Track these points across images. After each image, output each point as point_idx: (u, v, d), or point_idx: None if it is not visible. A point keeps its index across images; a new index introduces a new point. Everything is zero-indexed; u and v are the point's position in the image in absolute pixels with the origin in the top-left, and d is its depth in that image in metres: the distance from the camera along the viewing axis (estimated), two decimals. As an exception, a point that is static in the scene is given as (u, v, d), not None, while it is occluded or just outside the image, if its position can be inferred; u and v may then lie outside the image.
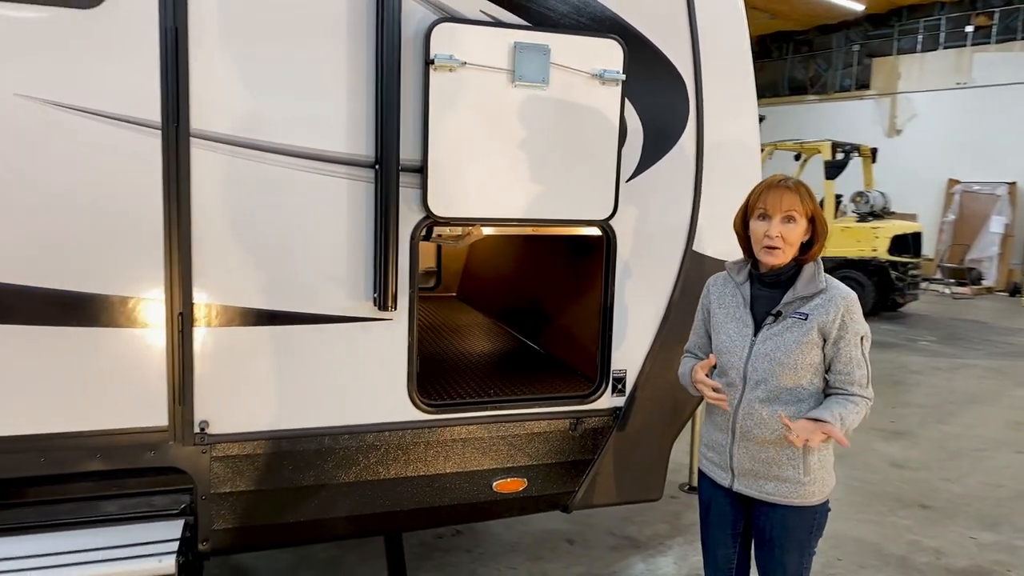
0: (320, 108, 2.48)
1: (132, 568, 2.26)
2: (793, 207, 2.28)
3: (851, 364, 2.28)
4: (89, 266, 2.32)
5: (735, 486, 2.43)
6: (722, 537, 2.56)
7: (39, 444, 2.35)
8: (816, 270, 2.35)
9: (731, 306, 2.46)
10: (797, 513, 2.35)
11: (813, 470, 2.33)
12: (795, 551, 2.38)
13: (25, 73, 2.19)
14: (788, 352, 2.30)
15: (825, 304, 2.30)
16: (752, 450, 2.37)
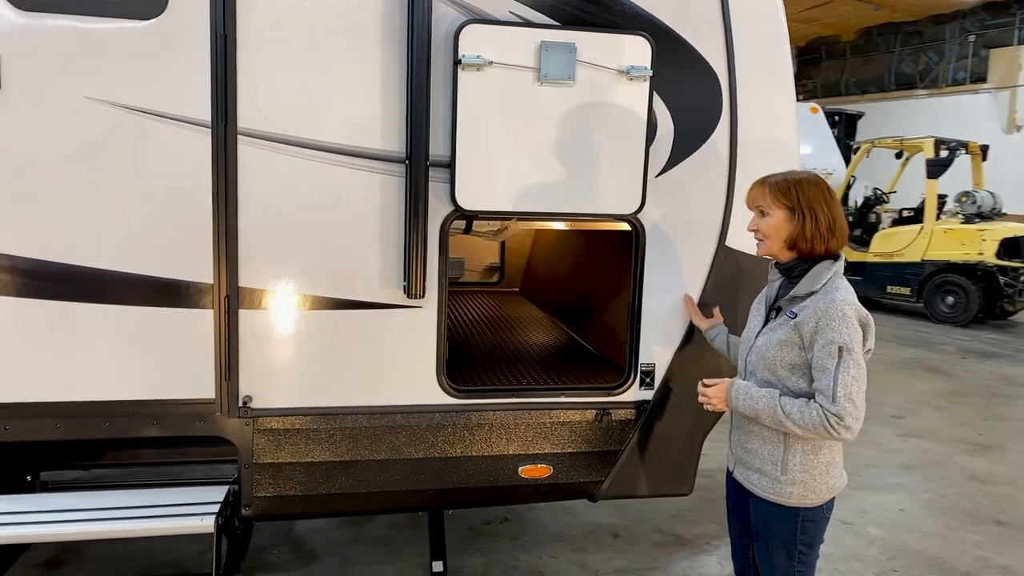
0: (355, 107, 2.65)
1: (176, 525, 2.50)
2: (759, 201, 2.36)
3: (820, 372, 2.19)
4: (148, 252, 2.58)
5: (735, 473, 2.48)
6: (735, 522, 2.61)
7: (104, 410, 2.63)
8: (824, 270, 2.29)
9: (760, 300, 2.52)
10: (777, 510, 2.34)
11: (791, 470, 2.28)
12: (780, 549, 2.37)
13: (94, 78, 2.47)
14: (770, 348, 2.32)
15: (811, 305, 2.25)
16: (742, 439, 2.43)
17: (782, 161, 2.99)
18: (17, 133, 2.45)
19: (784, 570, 2.37)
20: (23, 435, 2.60)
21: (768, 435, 2.31)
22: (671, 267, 2.99)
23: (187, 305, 2.63)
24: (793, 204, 2.30)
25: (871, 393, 7.40)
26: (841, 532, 4.41)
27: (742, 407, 2.30)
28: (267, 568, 3.78)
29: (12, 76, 2.42)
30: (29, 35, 2.42)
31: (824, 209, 2.29)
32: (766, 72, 2.96)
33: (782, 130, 3.01)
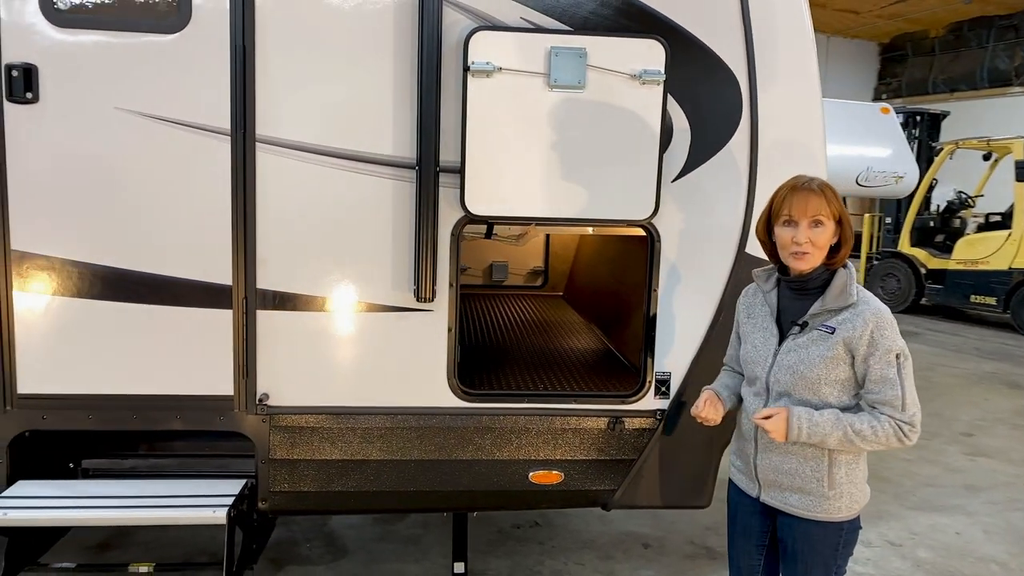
0: (368, 114, 2.72)
1: (190, 515, 2.62)
2: (820, 211, 2.20)
3: (883, 384, 2.13)
4: (171, 254, 2.71)
5: (762, 497, 2.38)
6: (746, 547, 2.50)
7: (132, 403, 2.78)
8: (848, 280, 2.23)
9: (759, 316, 2.41)
10: (821, 528, 2.26)
11: (838, 484, 2.23)
12: (819, 567, 2.29)
13: (123, 90, 2.61)
14: (811, 366, 2.22)
15: (853, 318, 2.17)
16: (775, 461, 2.32)
17: (807, 165, 2.87)
18: (54, 142, 2.62)
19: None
20: (59, 424, 2.77)
21: (810, 452, 2.23)
22: (688, 274, 2.93)
23: (208, 305, 2.75)
24: (841, 213, 2.23)
25: (940, 408, 7.07)
26: (887, 554, 4.21)
27: (807, 435, 2.17)
28: (298, 561, 3.90)
29: (49, 88, 2.60)
30: (65, 50, 2.59)
31: (848, 217, 2.25)
32: (789, 74, 2.86)
33: (807, 133, 2.90)
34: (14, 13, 2.56)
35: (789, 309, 2.32)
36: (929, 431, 6.45)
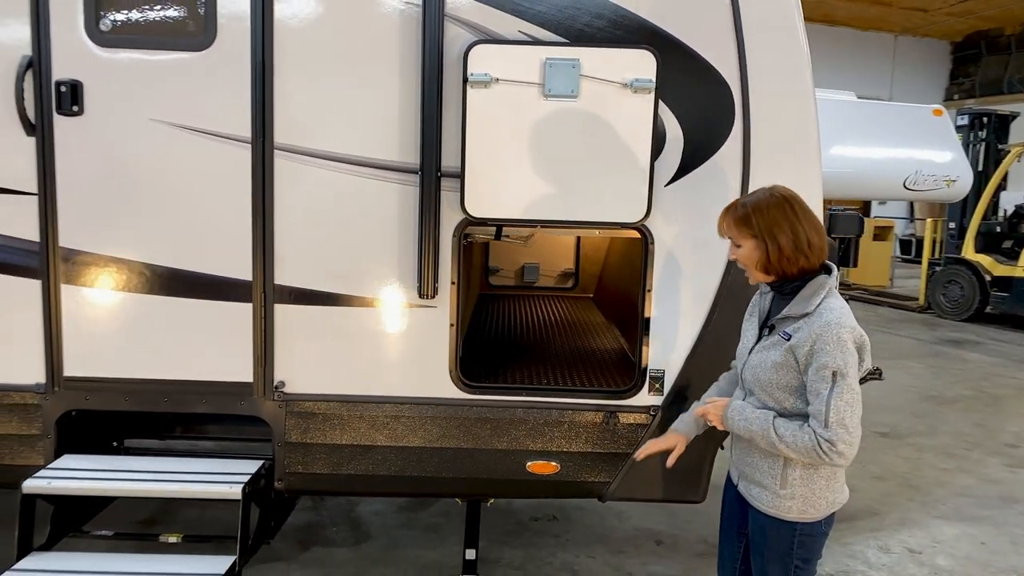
0: (376, 122, 2.92)
1: (209, 489, 2.87)
2: (728, 233, 2.35)
3: (814, 396, 2.17)
4: (200, 252, 2.98)
5: (739, 486, 2.48)
6: (730, 533, 2.61)
7: (162, 387, 3.05)
8: (816, 290, 2.26)
9: (753, 316, 2.50)
10: (775, 524, 2.33)
11: (790, 484, 2.27)
12: (776, 563, 2.36)
13: (156, 102, 2.89)
14: (765, 369, 2.30)
15: (804, 328, 2.22)
16: (742, 452, 2.43)
17: (800, 168, 2.96)
18: (96, 150, 2.92)
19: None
20: (99, 405, 3.07)
21: (765, 450, 2.31)
22: (681, 275, 3.03)
23: (231, 299, 3.00)
24: (755, 231, 2.27)
25: (986, 419, 6.88)
26: (904, 560, 4.18)
27: (737, 428, 2.31)
28: (323, 543, 4.15)
29: (93, 102, 2.89)
30: (106, 67, 2.88)
31: (786, 231, 2.24)
32: (782, 79, 2.93)
33: (800, 137, 2.97)
34: (63, 35, 2.86)
35: (774, 312, 2.40)
36: (971, 441, 6.29)
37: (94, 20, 2.87)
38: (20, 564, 2.80)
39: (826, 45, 20.02)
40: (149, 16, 2.90)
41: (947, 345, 10.22)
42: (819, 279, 2.28)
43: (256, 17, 2.86)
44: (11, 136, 2.91)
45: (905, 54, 20.50)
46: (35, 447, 3.06)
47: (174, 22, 2.90)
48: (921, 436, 6.38)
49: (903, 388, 7.96)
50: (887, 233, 15.85)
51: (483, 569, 3.83)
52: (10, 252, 2.98)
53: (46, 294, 2.99)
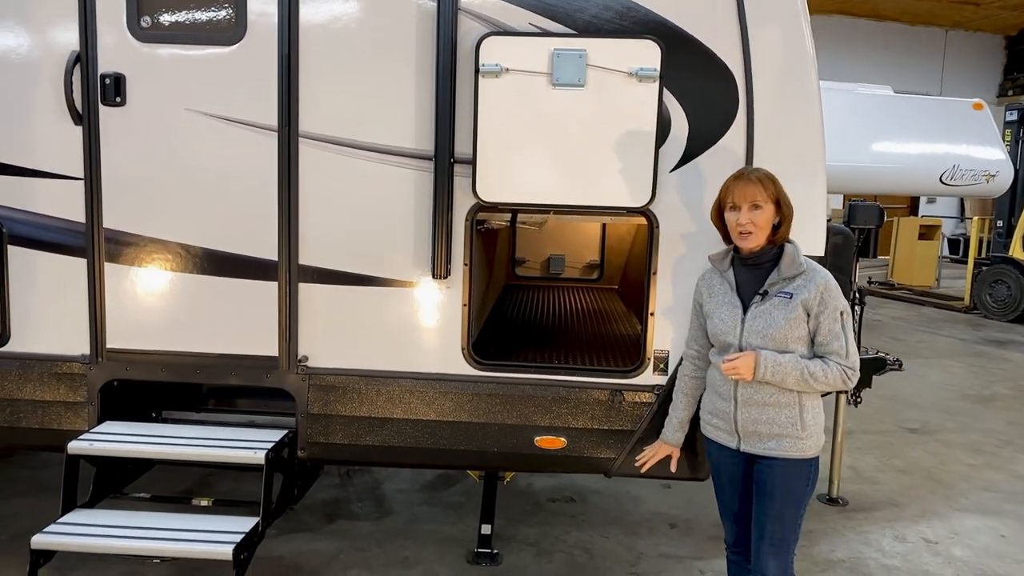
0: (393, 111, 3.09)
1: (234, 454, 3.08)
2: (756, 196, 2.54)
3: (830, 336, 2.51)
4: (230, 233, 3.18)
5: (742, 447, 2.65)
6: (734, 494, 2.78)
7: (196, 360, 3.27)
8: (796, 253, 2.57)
9: (720, 293, 2.70)
10: (797, 466, 2.57)
11: (808, 426, 2.57)
12: (792, 504, 2.59)
13: (192, 93, 3.11)
14: (778, 327, 2.53)
15: (807, 283, 2.52)
16: (754, 414, 2.60)
17: (803, 155, 3.03)
18: (137, 138, 3.15)
19: (791, 523, 2.61)
20: (139, 375, 3.30)
21: (784, 401, 2.56)
22: (688, 258, 3.12)
23: (258, 278, 3.20)
24: (778, 196, 2.56)
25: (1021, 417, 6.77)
26: (919, 550, 4.19)
27: (771, 373, 2.50)
28: (348, 516, 4.34)
29: (134, 93, 3.12)
30: (147, 61, 3.11)
31: (787, 200, 2.57)
32: (785, 69, 3.00)
33: (803, 124, 3.03)
34: (107, 32, 3.10)
35: (745, 283, 2.64)
36: (1003, 439, 6.20)
37: (136, 18, 3.10)
38: (64, 519, 3.04)
39: (873, 40, 19.64)
40: (185, 13, 3.12)
41: (990, 345, 10.00)
42: (792, 246, 2.60)
43: (283, 13, 3.05)
44: (60, 125, 3.16)
45: (956, 49, 19.96)
46: (79, 413, 3.31)
47: (208, 19, 3.11)
48: (951, 433, 6.31)
49: (939, 386, 7.85)
50: (934, 232, 15.52)
51: (498, 544, 3.98)
52: (59, 232, 3.23)
53: (91, 272, 3.23)
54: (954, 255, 18.13)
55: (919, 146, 7.76)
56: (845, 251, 3.80)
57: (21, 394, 3.30)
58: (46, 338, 3.30)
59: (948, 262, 17.83)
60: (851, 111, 8.10)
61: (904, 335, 10.52)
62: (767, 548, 2.61)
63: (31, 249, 3.26)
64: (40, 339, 3.30)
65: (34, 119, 3.18)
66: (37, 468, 4.89)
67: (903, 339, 10.22)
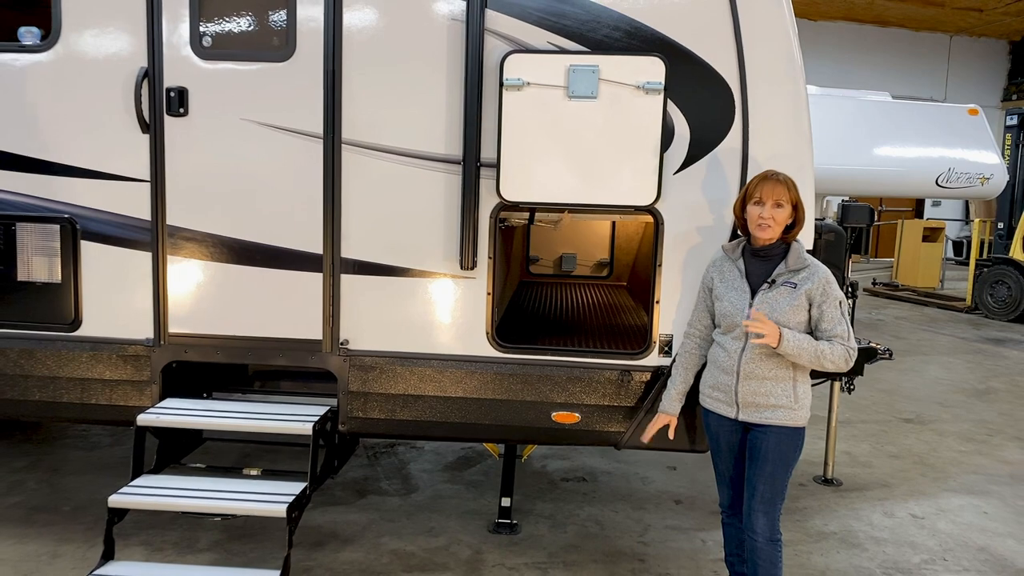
0: (426, 120, 3.46)
1: (285, 426, 3.45)
2: (781, 196, 2.93)
3: (833, 322, 2.90)
4: (279, 228, 3.56)
5: (740, 416, 3.01)
6: (731, 459, 3.14)
7: (249, 343, 3.65)
8: (801, 250, 2.97)
9: (730, 279, 3.05)
10: (789, 433, 2.95)
11: (800, 398, 2.95)
12: (782, 467, 2.96)
13: (246, 104, 3.49)
14: (782, 312, 2.90)
15: (810, 276, 2.91)
16: (754, 386, 2.96)
17: (792, 157, 3.38)
18: (198, 145, 3.54)
19: (780, 484, 2.98)
20: (197, 357, 3.68)
21: (781, 375, 2.94)
22: (687, 251, 3.48)
23: (305, 269, 3.58)
24: (797, 200, 2.97)
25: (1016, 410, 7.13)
26: (907, 524, 4.52)
27: (792, 346, 2.84)
28: (378, 492, 4.72)
29: (195, 105, 3.51)
30: (207, 76, 3.49)
31: (805, 206, 3.00)
32: (776, 80, 3.36)
33: (792, 130, 3.39)
34: (172, 50, 3.49)
35: (754, 272, 3.02)
36: (994, 428, 6.52)
37: (198, 38, 3.49)
38: (134, 482, 3.42)
39: (878, 46, 19.94)
40: (242, 34, 3.51)
41: (989, 343, 10.29)
42: (798, 244, 2.99)
43: (328, 34, 3.43)
44: (131, 134, 3.55)
45: (961, 54, 20.23)
46: (144, 391, 3.69)
47: (262, 38, 3.50)
48: (945, 423, 6.63)
49: (936, 381, 8.16)
50: (938, 234, 15.80)
51: (516, 517, 4.34)
52: (127, 229, 3.62)
53: (155, 264, 3.62)
54: (959, 257, 18.37)
55: (916, 150, 8.08)
56: (837, 247, 4.16)
57: (92, 374, 3.69)
58: (114, 324, 3.68)
59: (953, 264, 18.09)
60: (853, 117, 8.44)
61: (906, 334, 10.82)
62: (758, 506, 2.97)
63: (102, 244, 3.64)
64: (109, 324, 3.69)
65: (107, 128, 3.57)
66: (89, 450, 5.30)
67: (905, 337, 10.52)
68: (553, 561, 3.92)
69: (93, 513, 4.24)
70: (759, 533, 2.95)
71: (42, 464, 5.00)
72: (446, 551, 3.98)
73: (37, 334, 3.71)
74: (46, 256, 3.67)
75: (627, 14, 3.37)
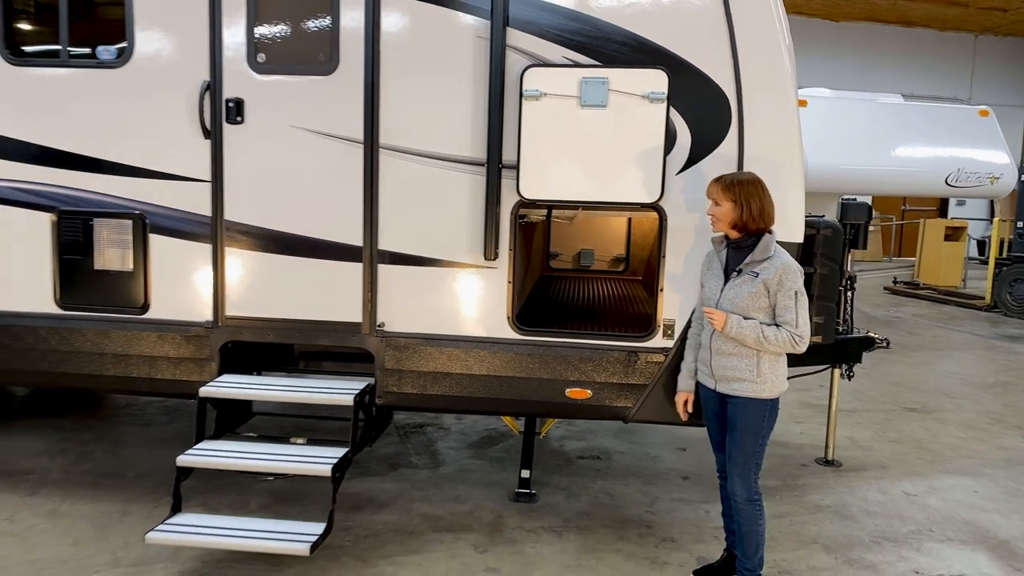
0: (455, 127, 3.88)
1: (329, 398, 3.90)
2: (714, 195, 3.34)
3: (783, 310, 3.22)
4: (324, 223, 4.01)
5: (717, 388, 3.40)
6: (718, 426, 3.53)
7: (297, 325, 4.11)
8: (769, 242, 3.29)
9: (713, 268, 3.46)
10: (753, 404, 3.30)
11: (763, 374, 3.28)
12: (751, 435, 3.32)
13: (295, 113, 3.95)
14: (742, 298, 3.25)
15: (770, 267, 3.24)
16: (723, 361, 3.35)
17: (784, 162, 3.75)
18: (256, 149, 4.00)
19: (751, 450, 3.34)
20: (251, 338, 4.15)
21: (744, 352, 3.30)
22: (691, 244, 3.86)
23: (346, 259, 4.02)
24: (736, 197, 3.28)
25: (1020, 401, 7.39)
26: (899, 500, 4.85)
27: (735, 331, 3.24)
28: (409, 466, 5.15)
29: (251, 113, 3.97)
30: (261, 88, 3.96)
31: (756, 201, 3.27)
32: (768, 89, 3.72)
33: (783, 134, 3.75)
34: (231, 65, 3.96)
35: (732, 261, 3.39)
36: (995, 418, 6.78)
37: (254, 54, 3.95)
38: (198, 446, 3.89)
39: (903, 47, 20.01)
40: (292, 51, 3.97)
41: (1004, 340, 10.47)
42: (769, 236, 3.31)
43: (368, 50, 3.87)
44: (194, 139, 4.02)
45: (986, 54, 20.23)
46: (204, 368, 4.16)
47: (309, 55, 3.95)
48: (948, 412, 6.91)
49: (945, 374, 8.42)
50: (960, 234, 15.90)
51: (535, 488, 4.75)
52: (190, 223, 4.10)
53: (214, 254, 4.09)
54: (982, 256, 18.39)
55: (925, 150, 8.33)
56: (835, 242, 4.50)
57: (159, 352, 4.17)
58: (178, 307, 4.16)
59: (976, 263, 18.12)
60: (865, 119, 8.71)
61: (921, 330, 11.03)
62: (734, 470, 3.37)
63: (168, 237, 4.13)
64: (173, 308, 4.17)
65: (173, 135, 4.05)
66: (145, 426, 5.81)
67: (919, 334, 10.74)
68: (568, 525, 4.33)
69: (154, 480, 4.73)
70: (738, 495, 3.35)
71: (106, 437, 5.52)
72: (471, 515, 4.41)
73: (111, 316, 4.20)
74: (119, 248, 4.16)
75: (633, 31, 3.76)
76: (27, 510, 4.29)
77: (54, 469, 4.90)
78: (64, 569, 3.68)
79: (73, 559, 3.78)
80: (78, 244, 4.16)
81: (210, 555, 3.81)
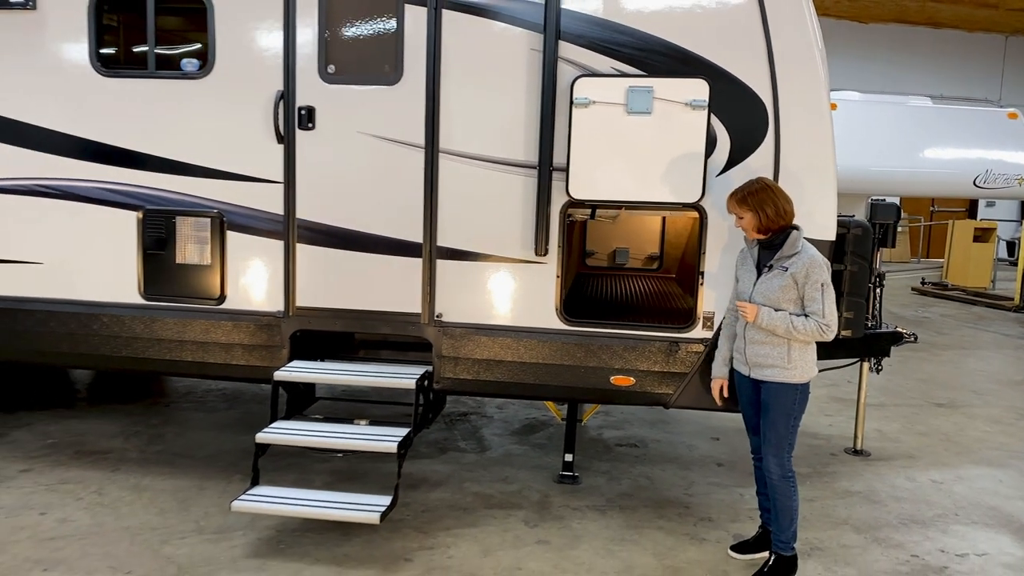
0: (509, 133, 4.20)
1: (393, 382, 4.24)
2: (733, 210, 3.68)
3: (811, 301, 3.51)
4: (389, 222, 4.34)
5: (751, 374, 3.69)
6: (751, 409, 3.82)
7: (361, 315, 4.44)
8: (797, 238, 3.58)
9: (747, 264, 3.75)
10: (784, 388, 3.59)
11: (794, 360, 3.56)
12: (783, 416, 3.61)
13: (362, 119, 4.29)
14: (773, 291, 3.56)
15: (798, 261, 3.54)
16: (755, 348, 3.64)
17: (817, 165, 4.01)
18: (325, 153, 4.35)
19: (783, 431, 3.62)
20: (319, 327, 4.49)
21: (776, 341, 3.58)
22: (729, 242, 4.13)
23: (407, 255, 4.35)
24: (752, 207, 3.59)
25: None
26: (926, 488, 5.07)
27: (765, 322, 3.54)
28: (457, 450, 5.48)
29: (322, 120, 4.32)
30: (330, 96, 4.30)
31: (771, 205, 3.57)
32: (803, 97, 3.99)
33: (817, 139, 4.02)
34: (304, 76, 4.31)
35: (763, 258, 3.69)
36: (1021, 411, 6.96)
37: (324, 65, 4.30)
38: (272, 425, 4.24)
39: (932, 48, 20.01)
40: (360, 62, 4.31)
41: (1032, 340, 10.57)
42: (796, 232, 3.60)
43: (430, 62, 4.20)
44: (269, 144, 4.38)
45: (1017, 55, 20.15)
46: (276, 354, 4.51)
47: (375, 66, 4.29)
48: (975, 408, 7.09)
49: (973, 372, 8.57)
50: (989, 235, 15.92)
51: (577, 471, 5.04)
52: (264, 221, 4.45)
53: (286, 250, 4.44)
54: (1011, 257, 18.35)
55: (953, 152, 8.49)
56: (865, 241, 4.75)
57: (234, 339, 4.54)
58: (252, 298, 4.52)
59: (1006, 264, 18.08)
60: (895, 122, 8.90)
61: (949, 330, 11.15)
62: (768, 450, 3.66)
63: (243, 234, 4.49)
64: (248, 299, 4.53)
65: (249, 140, 4.41)
66: (209, 412, 6.20)
67: (948, 333, 10.87)
68: (611, 505, 4.62)
69: (224, 460, 5.10)
70: (773, 472, 3.63)
71: (173, 421, 5.91)
72: (519, 494, 4.72)
73: (190, 306, 4.57)
74: (199, 243, 4.52)
75: (676, 42, 4.05)
76: (112, 484, 4.68)
77: (130, 449, 5.29)
78: (155, 535, 4.05)
79: (161, 526, 4.14)
80: (161, 240, 4.54)
81: (284, 524, 4.16)
